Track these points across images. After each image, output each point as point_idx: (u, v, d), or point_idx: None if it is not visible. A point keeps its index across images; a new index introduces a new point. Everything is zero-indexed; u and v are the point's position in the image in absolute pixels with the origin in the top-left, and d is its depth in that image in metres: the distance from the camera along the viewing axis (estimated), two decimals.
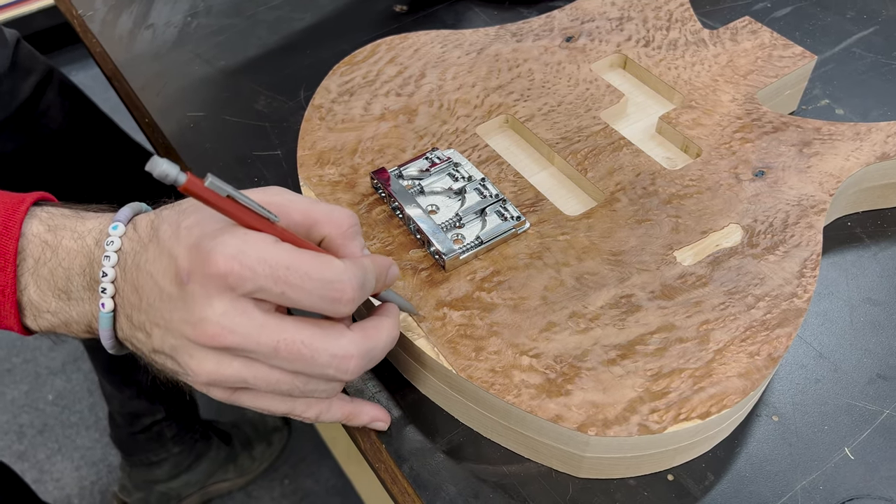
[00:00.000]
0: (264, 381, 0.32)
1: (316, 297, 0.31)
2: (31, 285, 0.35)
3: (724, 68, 0.51)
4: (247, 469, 1.23)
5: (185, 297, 0.31)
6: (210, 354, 0.32)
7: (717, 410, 0.35)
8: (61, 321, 0.36)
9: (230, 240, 0.30)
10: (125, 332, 0.35)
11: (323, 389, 0.34)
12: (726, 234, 0.42)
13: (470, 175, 0.45)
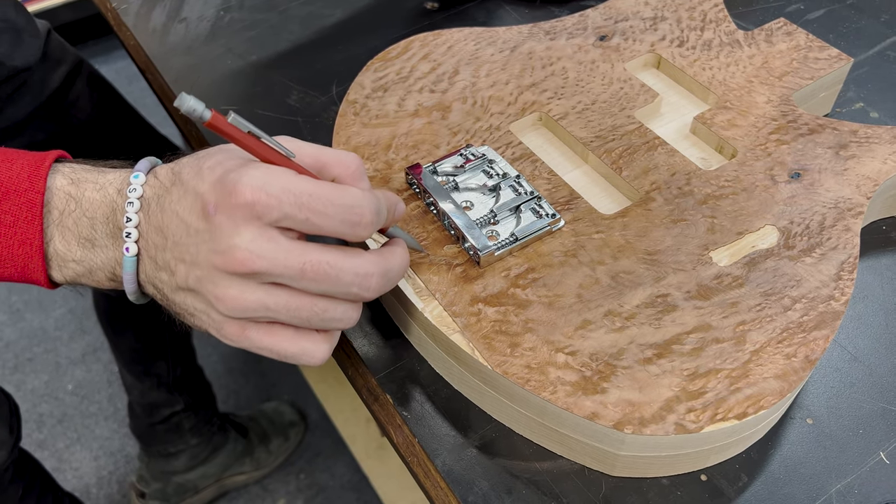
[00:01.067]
0: (285, 308, 0.34)
1: (337, 221, 0.33)
2: (57, 236, 0.36)
3: (759, 69, 0.51)
4: (263, 462, 1.23)
5: (213, 229, 0.33)
6: (235, 282, 0.33)
7: (753, 411, 0.35)
8: (86, 269, 0.37)
9: (254, 172, 0.32)
10: (148, 274, 0.36)
11: (340, 317, 0.35)
12: (762, 236, 0.42)
13: (504, 172, 0.45)
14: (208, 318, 0.35)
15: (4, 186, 0.36)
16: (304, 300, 0.34)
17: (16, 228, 0.36)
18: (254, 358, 1.40)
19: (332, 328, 0.36)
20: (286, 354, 0.36)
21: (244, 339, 0.35)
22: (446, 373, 0.42)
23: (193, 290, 0.34)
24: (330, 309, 0.35)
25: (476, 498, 0.38)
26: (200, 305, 0.35)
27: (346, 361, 0.44)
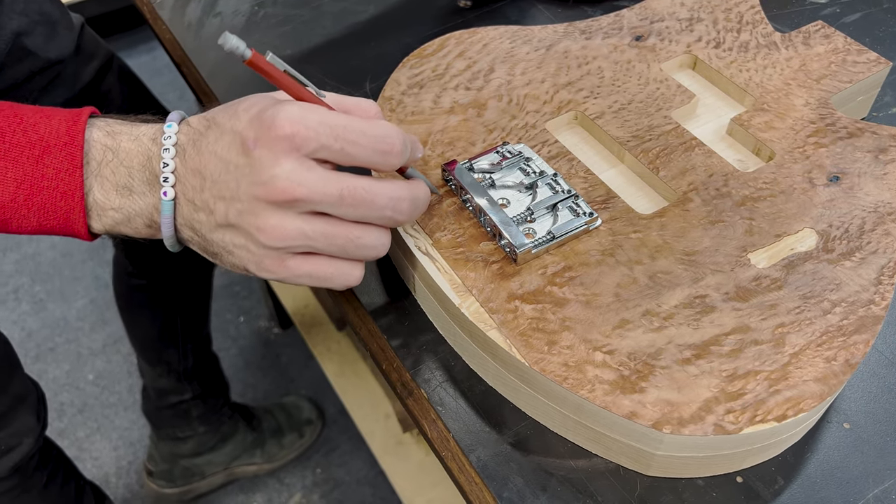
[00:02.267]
0: (322, 236, 0.36)
1: (370, 150, 0.36)
2: (96, 186, 0.38)
3: (796, 72, 0.51)
4: (274, 456, 1.24)
5: (253, 163, 0.35)
6: (276, 212, 0.35)
7: (793, 414, 0.35)
8: (124, 216, 0.38)
9: (291, 107, 0.34)
10: (185, 217, 0.38)
11: (373, 244, 0.37)
12: (801, 239, 0.42)
13: (541, 170, 0.45)
14: (247, 252, 0.37)
15: (45, 141, 0.37)
16: (340, 227, 0.36)
17: (57, 181, 0.37)
18: (273, 352, 1.41)
19: (365, 256, 0.38)
20: (324, 276, 0.38)
21: (283, 269, 0.37)
22: (481, 369, 0.42)
23: (233, 225, 0.36)
24: (364, 235, 0.37)
25: (511, 494, 0.38)
26: (240, 241, 0.36)
27: (380, 355, 0.44)
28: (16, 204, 0.37)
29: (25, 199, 0.37)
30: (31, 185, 0.37)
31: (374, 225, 0.38)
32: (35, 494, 0.82)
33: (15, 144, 0.37)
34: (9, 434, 0.74)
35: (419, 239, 0.43)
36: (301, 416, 1.28)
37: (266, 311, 1.46)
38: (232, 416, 1.19)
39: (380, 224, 0.38)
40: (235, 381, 1.37)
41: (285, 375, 1.38)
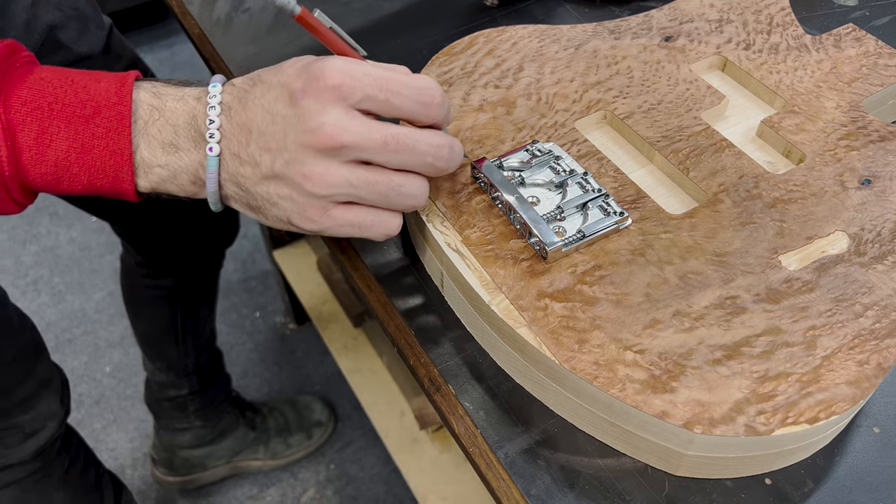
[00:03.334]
0: (365, 183, 0.38)
1: (412, 101, 0.38)
2: (143, 145, 0.39)
3: (827, 75, 0.51)
4: (280, 453, 1.24)
5: (301, 113, 0.36)
6: (322, 159, 0.37)
7: (825, 416, 0.35)
8: (170, 173, 0.39)
9: (337, 60, 0.37)
10: (230, 172, 0.39)
11: (414, 193, 0.39)
12: (832, 241, 0.42)
13: (571, 169, 0.45)
14: (292, 203, 0.38)
15: (95, 102, 0.38)
16: (382, 175, 0.38)
17: (107, 140, 0.38)
18: (288, 347, 1.42)
19: (405, 205, 0.40)
20: (365, 224, 0.39)
21: (326, 218, 0.39)
22: (509, 366, 0.42)
23: (279, 175, 0.37)
24: (406, 183, 0.39)
25: (539, 491, 0.38)
26: (285, 191, 0.38)
27: (407, 351, 0.44)
28: (68, 162, 0.38)
29: (77, 157, 0.38)
30: (83, 143, 0.38)
31: (415, 174, 0.39)
32: (56, 479, 0.83)
33: (67, 105, 0.38)
34: (33, 417, 0.75)
35: (449, 235, 0.43)
36: (311, 418, 1.27)
37: (282, 306, 1.47)
38: (232, 412, 1.20)
39: (420, 171, 0.39)
40: (251, 376, 1.38)
41: (300, 371, 1.39)
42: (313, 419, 1.27)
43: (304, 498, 1.24)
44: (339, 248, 0.50)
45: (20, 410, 0.73)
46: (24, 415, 0.74)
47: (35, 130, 0.37)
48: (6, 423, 0.73)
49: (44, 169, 0.38)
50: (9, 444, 0.75)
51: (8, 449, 0.75)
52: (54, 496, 0.84)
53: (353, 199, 0.38)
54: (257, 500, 1.24)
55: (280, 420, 1.25)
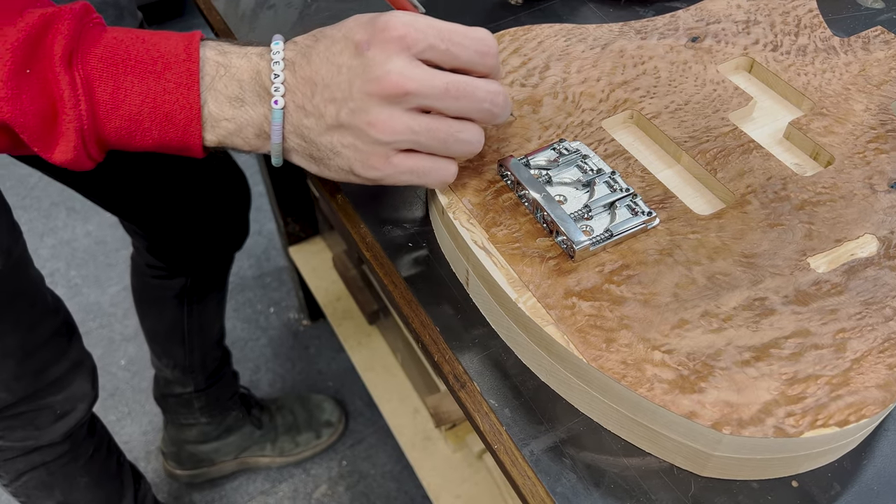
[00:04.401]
0: (426, 129, 0.40)
1: (472, 51, 0.39)
2: (210, 100, 0.41)
3: (856, 77, 0.51)
4: (287, 451, 1.24)
5: (366, 63, 0.38)
6: (386, 107, 0.39)
7: (855, 419, 0.35)
8: (236, 126, 0.41)
9: (400, 14, 0.39)
10: (294, 124, 0.41)
11: (471, 139, 0.41)
12: (861, 244, 0.42)
13: (599, 168, 0.45)
14: (355, 151, 0.40)
15: (165, 58, 0.40)
16: (443, 122, 0.40)
17: (177, 94, 0.40)
18: (301, 343, 1.42)
19: (463, 151, 0.42)
20: (424, 170, 0.41)
21: (388, 165, 0.40)
22: (535, 364, 0.42)
23: (344, 124, 0.39)
24: (464, 129, 0.41)
25: (564, 489, 0.38)
26: (349, 140, 0.40)
27: (432, 347, 0.44)
28: (141, 116, 0.40)
29: (150, 111, 0.40)
30: (154, 97, 0.40)
31: (471, 122, 0.41)
32: (82, 464, 0.84)
33: (139, 61, 0.39)
34: (65, 398, 0.76)
35: (475, 233, 0.43)
36: (321, 417, 1.27)
37: (296, 302, 1.47)
38: (238, 409, 1.20)
39: (477, 118, 0.41)
40: (263, 372, 1.39)
41: (313, 367, 1.39)
42: (323, 419, 1.27)
43: (316, 494, 1.24)
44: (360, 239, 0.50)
45: (53, 390, 0.74)
46: (57, 395, 0.75)
47: (111, 86, 0.39)
48: (39, 404, 0.74)
49: (118, 122, 0.40)
50: (40, 425, 0.76)
51: (39, 430, 0.76)
52: (79, 480, 0.85)
53: (413, 146, 0.40)
54: (269, 495, 1.24)
55: (289, 418, 1.25)
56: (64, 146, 0.39)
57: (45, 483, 0.82)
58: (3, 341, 0.68)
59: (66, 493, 0.85)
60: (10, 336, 0.68)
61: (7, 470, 0.80)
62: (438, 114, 0.40)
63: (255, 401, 1.24)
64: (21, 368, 0.70)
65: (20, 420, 0.74)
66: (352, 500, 1.23)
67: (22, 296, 0.68)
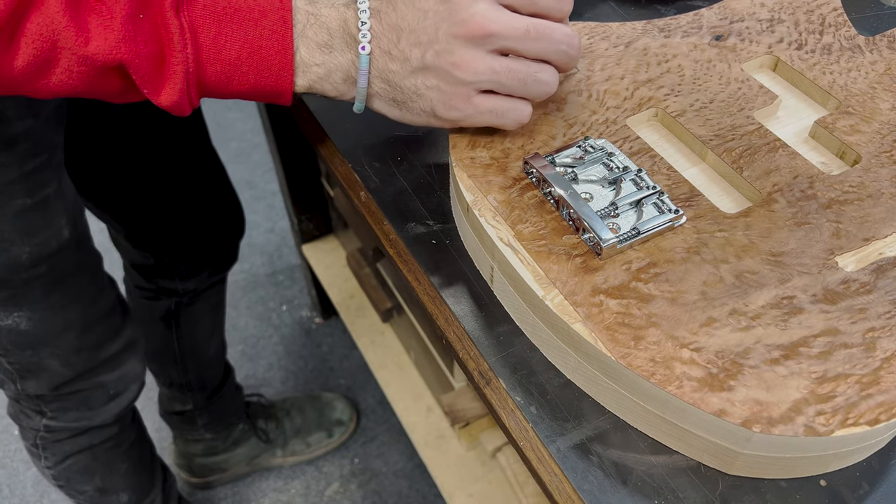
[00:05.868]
0: (507, 69, 0.43)
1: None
2: (301, 46, 0.43)
3: (882, 76, 0.50)
4: (298, 452, 1.24)
5: (452, 7, 0.41)
6: (471, 48, 0.42)
7: (886, 418, 0.35)
8: (325, 71, 0.44)
9: None
10: (379, 69, 0.44)
11: (547, 80, 0.44)
12: (890, 244, 0.41)
13: (625, 166, 0.45)
14: (438, 92, 0.43)
15: (261, 7, 0.42)
16: (522, 63, 0.43)
17: (273, 41, 0.42)
18: (314, 341, 1.43)
19: (539, 91, 0.44)
20: (503, 110, 0.44)
21: (469, 105, 0.44)
22: (561, 362, 0.42)
23: (429, 66, 0.42)
24: (542, 70, 0.44)
25: (591, 486, 0.38)
26: (433, 81, 0.43)
27: (457, 344, 0.44)
28: (239, 62, 0.42)
29: (248, 56, 0.42)
30: (252, 44, 0.42)
31: (547, 64, 0.44)
32: (124, 450, 0.85)
33: (238, 10, 0.42)
34: (118, 378, 0.76)
35: (501, 230, 0.43)
36: (332, 416, 1.27)
37: (308, 300, 1.48)
38: (244, 422, 1.19)
39: (553, 60, 0.44)
40: (276, 370, 1.39)
41: (325, 365, 1.40)
42: (334, 418, 1.27)
43: (329, 491, 1.25)
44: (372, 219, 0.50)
45: (108, 368, 0.75)
46: (111, 374, 0.75)
47: (213, 32, 0.41)
48: (94, 382, 0.74)
49: (219, 67, 0.42)
50: (93, 405, 0.76)
51: (91, 411, 0.77)
52: (119, 467, 0.86)
53: (494, 86, 0.43)
54: (282, 492, 1.25)
55: (297, 421, 1.25)
56: (170, 88, 0.42)
57: (87, 468, 0.83)
58: (66, 313, 0.68)
59: (105, 478, 0.85)
60: (73, 308, 0.68)
61: (54, 452, 0.80)
62: (518, 56, 0.43)
63: (261, 410, 1.24)
64: (81, 341, 0.70)
65: (74, 400, 0.75)
66: (364, 497, 1.23)
67: (85, 268, 0.69)
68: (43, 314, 0.66)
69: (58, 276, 0.65)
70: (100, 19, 0.39)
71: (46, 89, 0.41)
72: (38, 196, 0.60)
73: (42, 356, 0.69)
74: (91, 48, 0.39)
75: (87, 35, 0.39)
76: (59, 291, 0.66)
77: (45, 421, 0.77)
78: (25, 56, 0.39)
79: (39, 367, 0.70)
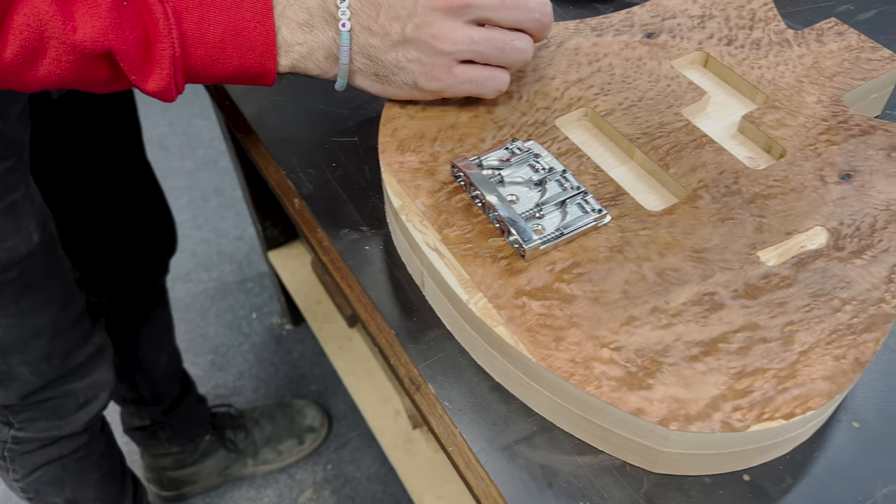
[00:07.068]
0: (485, 39, 0.44)
1: None
2: (283, 26, 0.44)
3: (809, 69, 0.51)
4: (270, 460, 1.23)
5: None
6: (449, 19, 0.43)
7: (801, 412, 0.35)
8: (307, 50, 0.45)
9: None
10: (360, 45, 0.45)
11: (524, 48, 0.46)
12: (811, 237, 0.42)
13: (551, 167, 0.45)
14: (419, 65, 0.45)
15: None
16: (498, 32, 0.45)
17: (255, 23, 0.43)
18: (284, 348, 1.42)
19: (516, 59, 0.46)
20: (482, 78, 0.46)
21: (450, 76, 0.45)
22: (488, 365, 0.42)
23: (409, 39, 0.44)
24: (518, 38, 0.45)
25: (517, 490, 0.38)
26: (413, 54, 0.44)
27: (388, 350, 0.44)
28: (223, 44, 0.43)
29: (232, 38, 0.43)
30: (235, 26, 0.43)
31: (522, 32, 0.46)
32: (94, 460, 0.84)
33: None
34: (88, 385, 0.75)
35: (428, 234, 0.43)
36: (303, 423, 1.26)
37: (278, 307, 1.47)
38: (210, 434, 1.18)
39: (529, 27, 0.46)
40: (247, 378, 1.38)
41: (296, 372, 1.39)
42: (305, 425, 1.26)
43: (302, 499, 1.24)
44: (318, 243, 0.50)
45: (78, 376, 0.73)
46: (81, 381, 0.74)
47: (196, 16, 0.42)
48: (63, 390, 0.73)
49: (204, 51, 0.43)
50: (62, 414, 0.75)
51: (61, 420, 0.75)
52: (89, 477, 0.84)
53: (473, 56, 0.45)
54: (255, 501, 1.24)
55: (267, 429, 1.24)
56: (158, 75, 0.42)
57: (57, 479, 0.81)
58: (36, 319, 0.67)
59: (75, 489, 0.84)
60: (43, 314, 0.67)
61: (23, 464, 0.79)
62: (494, 26, 0.45)
63: (229, 420, 1.22)
64: (51, 348, 0.69)
65: (43, 409, 0.73)
66: (337, 503, 1.23)
67: (54, 273, 0.67)
68: (12, 320, 0.65)
69: (28, 282, 0.64)
70: (85, 7, 0.39)
71: (34, 81, 0.41)
72: (8, 200, 0.59)
73: (12, 364, 0.68)
74: (79, 36, 0.40)
75: (73, 23, 0.39)
76: (30, 297, 0.65)
77: (13, 432, 0.76)
78: (13, 48, 0.39)
79: (9, 376, 0.69)
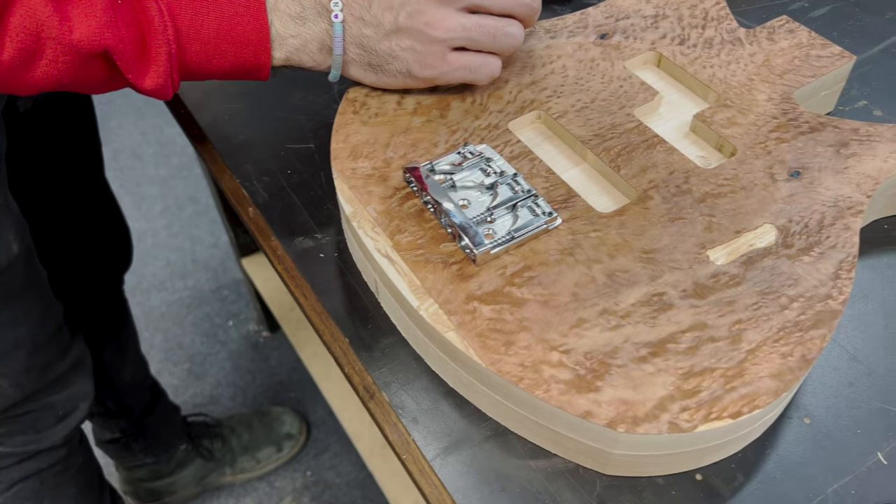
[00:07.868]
0: (477, 25, 0.45)
1: None
2: (275, 20, 0.44)
3: (760, 67, 0.51)
4: (248, 469, 1.22)
5: None
6: (441, 7, 0.44)
7: (748, 411, 0.35)
8: (301, 42, 0.45)
9: None
10: (353, 35, 0.45)
11: (515, 33, 0.47)
12: (760, 234, 0.42)
13: (502, 170, 0.45)
14: (413, 53, 0.45)
15: None
16: (490, 18, 0.46)
17: (248, 17, 0.43)
18: (262, 355, 1.41)
19: (508, 45, 0.47)
20: (475, 65, 0.47)
21: (444, 63, 0.46)
22: (442, 371, 0.42)
23: (402, 28, 0.44)
24: (509, 24, 0.46)
25: (470, 497, 0.38)
26: (407, 42, 0.45)
27: (342, 359, 0.44)
28: (218, 40, 0.43)
29: (226, 33, 0.43)
30: (228, 21, 0.43)
31: (513, 19, 0.47)
32: (72, 473, 0.82)
33: None
34: (67, 398, 0.74)
35: (380, 241, 0.43)
36: (281, 430, 1.25)
37: (254, 314, 1.46)
38: (186, 443, 1.16)
39: (519, 13, 0.47)
40: (224, 386, 1.37)
41: (274, 379, 1.38)
42: (283, 432, 1.26)
43: None
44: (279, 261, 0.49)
45: (56, 389, 0.72)
46: (60, 394, 0.73)
47: (190, 13, 0.42)
48: (42, 403, 0.72)
49: (199, 47, 0.43)
50: (41, 428, 0.74)
51: (40, 433, 0.74)
52: (67, 491, 0.83)
53: (466, 43, 0.46)
54: None
55: (244, 437, 1.23)
56: (154, 72, 0.42)
57: (35, 493, 0.80)
58: (16, 331, 0.66)
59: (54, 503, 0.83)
60: (23, 326, 0.66)
61: (1, 479, 0.77)
62: (485, 13, 0.46)
63: (205, 429, 1.21)
64: (31, 361, 0.68)
65: (22, 423, 0.72)
66: None
67: (34, 285, 0.66)
68: None
69: (7, 294, 0.63)
70: (81, 7, 0.40)
71: (31, 83, 0.41)
72: None
73: None
74: (76, 36, 0.40)
75: (70, 24, 0.39)
76: (9, 309, 0.64)
77: None
78: (11, 49, 0.39)
79: None
